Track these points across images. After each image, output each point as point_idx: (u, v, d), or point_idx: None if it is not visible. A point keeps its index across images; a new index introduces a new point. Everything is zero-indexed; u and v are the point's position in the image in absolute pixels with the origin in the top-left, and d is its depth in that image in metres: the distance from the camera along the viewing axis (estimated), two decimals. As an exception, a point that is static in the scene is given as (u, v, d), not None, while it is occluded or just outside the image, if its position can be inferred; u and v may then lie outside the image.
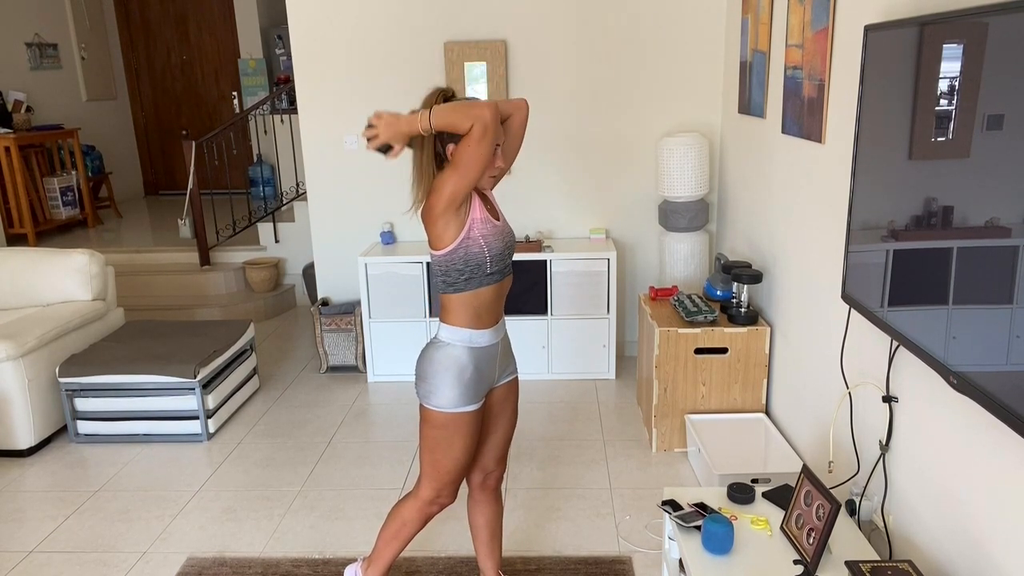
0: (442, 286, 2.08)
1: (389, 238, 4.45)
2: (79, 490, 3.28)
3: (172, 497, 3.20)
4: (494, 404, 2.24)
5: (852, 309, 2.35)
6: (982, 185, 1.55)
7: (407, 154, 2.08)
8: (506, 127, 2.11)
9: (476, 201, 2.04)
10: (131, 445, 3.67)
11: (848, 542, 2.08)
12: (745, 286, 3.32)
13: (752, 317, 3.29)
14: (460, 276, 2.02)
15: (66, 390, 3.64)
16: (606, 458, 3.41)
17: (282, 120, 6.67)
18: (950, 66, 1.65)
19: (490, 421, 2.26)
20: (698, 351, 3.30)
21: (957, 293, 1.66)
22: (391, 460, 3.45)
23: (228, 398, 3.88)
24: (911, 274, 1.85)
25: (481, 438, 2.26)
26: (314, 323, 4.41)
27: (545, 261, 4.12)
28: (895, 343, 2.14)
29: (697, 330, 3.27)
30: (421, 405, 2.13)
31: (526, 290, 4.16)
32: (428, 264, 4.20)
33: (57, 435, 3.79)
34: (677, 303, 3.47)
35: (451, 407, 2.07)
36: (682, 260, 4.10)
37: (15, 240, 6.29)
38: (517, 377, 2.29)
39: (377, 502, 3.11)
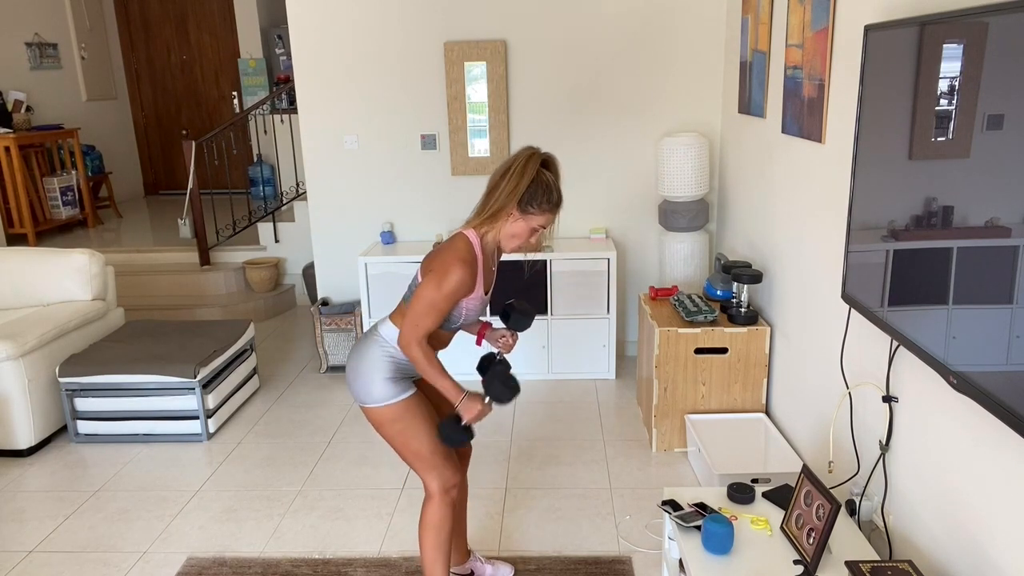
0: (409, 297, 2.15)
1: (389, 238, 4.45)
2: (79, 490, 3.28)
3: (172, 497, 3.20)
4: (425, 388, 2.32)
5: (852, 309, 2.35)
6: (982, 185, 1.55)
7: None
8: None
9: (479, 288, 2.10)
10: (131, 445, 3.67)
11: (848, 542, 2.08)
12: (745, 286, 3.32)
13: (752, 317, 3.29)
14: None
15: (66, 390, 3.64)
16: (606, 458, 3.41)
17: (282, 120, 6.67)
18: (950, 66, 1.65)
19: (432, 401, 2.33)
20: (698, 351, 3.30)
21: (957, 293, 1.66)
22: (391, 460, 3.44)
23: (228, 398, 3.88)
24: (911, 274, 1.85)
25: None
26: (314, 323, 4.41)
27: (545, 261, 4.12)
28: (895, 343, 2.14)
29: (697, 330, 3.27)
30: (364, 408, 2.16)
31: (526, 290, 4.16)
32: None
33: (57, 435, 3.79)
34: (677, 303, 3.47)
35: (391, 399, 2.12)
36: (682, 260, 4.10)
37: (15, 240, 6.29)
38: None
39: (377, 502, 3.11)
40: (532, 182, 2.02)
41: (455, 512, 2.45)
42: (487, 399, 2.15)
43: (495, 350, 2.31)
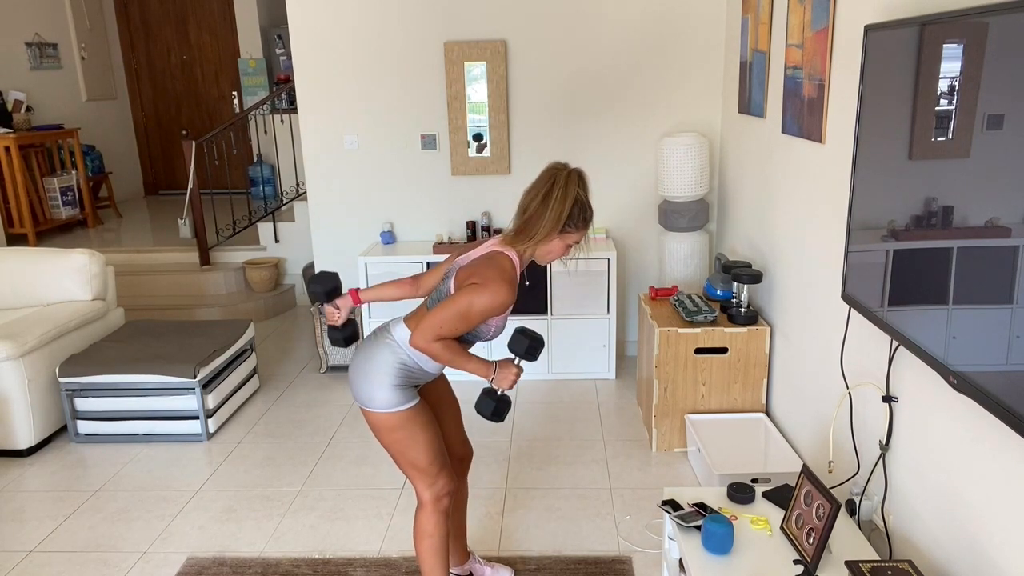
0: (434, 305, 2.12)
1: (389, 238, 4.45)
2: (79, 490, 3.28)
3: (172, 497, 3.20)
4: (428, 394, 2.32)
5: (852, 309, 2.35)
6: (982, 185, 1.55)
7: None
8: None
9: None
10: (131, 445, 3.67)
11: (848, 542, 2.08)
12: (745, 286, 3.32)
13: (752, 317, 3.29)
14: None
15: (66, 390, 3.64)
16: (606, 458, 3.41)
17: (282, 120, 6.67)
18: (950, 66, 1.65)
19: (433, 407, 2.33)
20: (698, 351, 3.30)
21: (957, 293, 1.66)
22: (391, 460, 3.44)
23: (228, 398, 3.88)
24: (911, 274, 1.85)
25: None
26: (314, 323, 4.41)
27: (545, 261, 4.12)
28: (895, 343, 2.14)
29: (697, 330, 3.27)
30: (365, 411, 2.14)
31: (526, 290, 4.16)
32: (428, 263, 4.20)
33: (57, 435, 3.79)
34: (677, 303, 3.47)
35: (395, 407, 2.10)
36: (682, 260, 4.10)
37: (15, 240, 6.29)
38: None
39: (377, 502, 3.11)
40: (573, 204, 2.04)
41: (454, 515, 2.45)
42: (516, 359, 2.14)
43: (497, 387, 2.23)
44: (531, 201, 2.06)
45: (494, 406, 2.11)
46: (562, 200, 2.02)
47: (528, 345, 2.11)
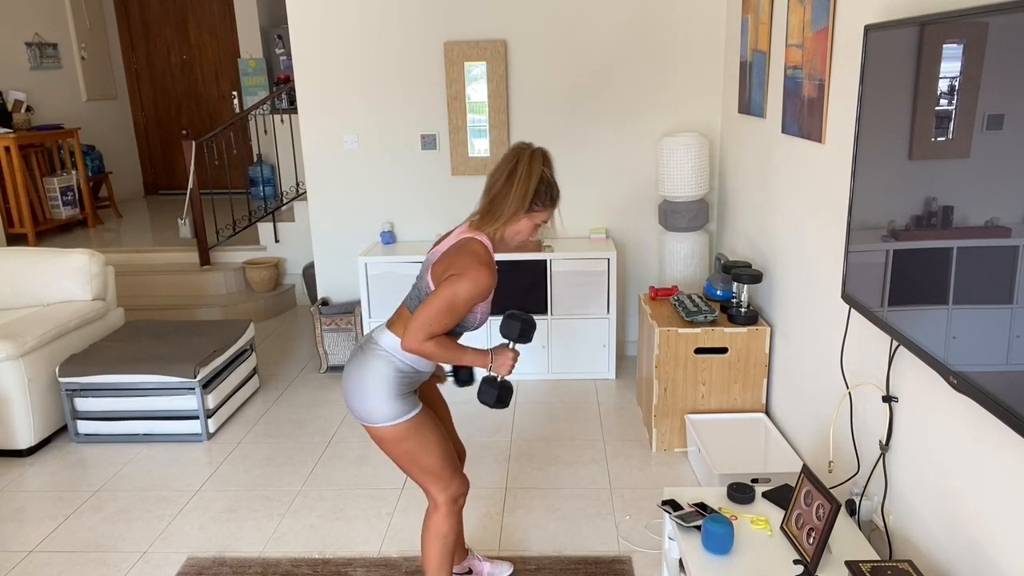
0: (416, 305, 2.09)
1: (389, 238, 4.45)
2: (79, 490, 3.28)
3: (172, 497, 3.20)
4: (421, 395, 2.32)
5: (852, 309, 2.35)
6: (982, 185, 1.55)
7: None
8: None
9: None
10: (131, 445, 3.67)
11: (848, 542, 2.08)
12: (745, 286, 3.32)
13: (752, 317, 3.29)
14: None
15: (66, 390, 3.64)
16: (606, 458, 3.41)
17: (282, 120, 6.67)
18: (950, 66, 1.65)
19: (432, 407, 2.35)
20: (698, 351, 3.30)
21: (957, 293, 1.66)
22: (391, 460, 3.44)
23: (228, 398, 3.88)
24: (911, 274, 1.85)
25: None
26: (314, 323, 4.41)
27: (545, 261, 4.12)
28: (895, 343, 2.14)
29: (697, 330, 3.27)
30: (369, 427, 2.09)
31: (526, 290, 4.16)
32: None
33: (57, 435, 3.79)
34: (677, 303, 3.47)
35: (400, 417, 2.07)
36: (682, 260, 4.10)
37: (15, 240, 6.29)
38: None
39: (377, 502, 3.11)
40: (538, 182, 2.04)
41: None
42: (510, 344, 2.14)
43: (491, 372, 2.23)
44: (496, 180, 2.05)
45: (496, 393, 2.11)
46: (527, 178, 2.02)
47: (521, 328, 2.11)
